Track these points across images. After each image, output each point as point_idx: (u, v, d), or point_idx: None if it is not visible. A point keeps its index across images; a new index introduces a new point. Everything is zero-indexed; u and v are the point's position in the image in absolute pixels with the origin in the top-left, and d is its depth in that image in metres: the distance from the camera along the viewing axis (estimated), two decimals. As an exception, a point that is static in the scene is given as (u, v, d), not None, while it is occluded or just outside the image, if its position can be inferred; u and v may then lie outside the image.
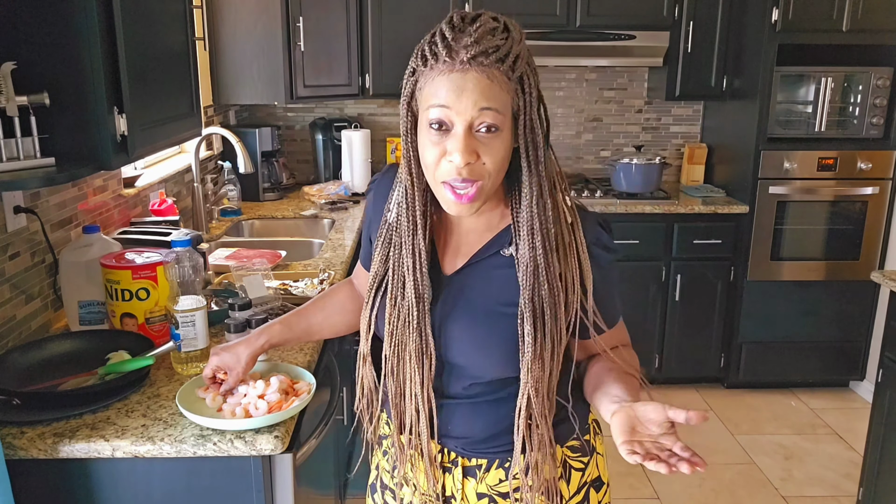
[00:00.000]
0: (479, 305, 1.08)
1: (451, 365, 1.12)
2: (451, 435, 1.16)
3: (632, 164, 3.51)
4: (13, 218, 1.67)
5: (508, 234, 1.08)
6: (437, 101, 0.96)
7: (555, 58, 3.55)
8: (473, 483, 1.17)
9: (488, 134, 0.96)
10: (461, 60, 0.94)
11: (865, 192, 3.42)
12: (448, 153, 0.97)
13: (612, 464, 1.32)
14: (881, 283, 2.39)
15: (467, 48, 0.94)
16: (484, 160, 0.98)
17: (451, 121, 0.96)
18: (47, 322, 1.82)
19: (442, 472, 1.18)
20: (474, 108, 0.95)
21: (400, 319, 1.08)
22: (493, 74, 0.95)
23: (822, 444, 3.23)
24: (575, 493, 1.19)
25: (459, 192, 0.99)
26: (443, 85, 0.95)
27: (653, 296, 3.54)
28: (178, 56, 1.82)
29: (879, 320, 3.49)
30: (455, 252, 1.12)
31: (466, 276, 1.10)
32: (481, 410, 1.13)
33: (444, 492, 1.20)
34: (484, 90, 0.94)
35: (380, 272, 1.12)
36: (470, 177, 0.97)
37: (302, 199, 3.42)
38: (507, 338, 1.06)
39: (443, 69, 0.95)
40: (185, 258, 1.52)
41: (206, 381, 1.36)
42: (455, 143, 0.96)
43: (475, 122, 0.96)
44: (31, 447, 1.27)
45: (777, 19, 3.23)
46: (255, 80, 3.20)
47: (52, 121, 1.42)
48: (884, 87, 3.32)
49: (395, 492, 1.27)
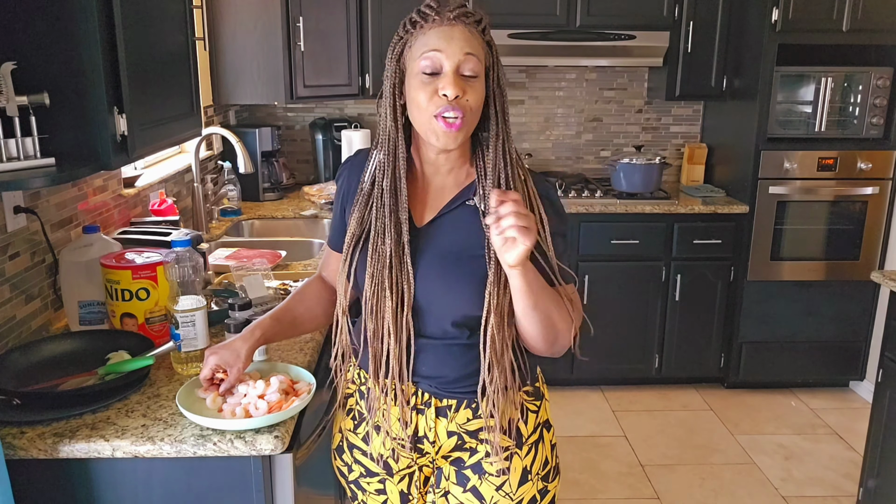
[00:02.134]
0: (448, 250, 1.23)
1: (425, 306, 1.24)
2: (424, 375, 1.27)
3: (632, 164, 3.51)
4: (13, 218, 1.67)
5: (473, 188, 1.26)
6: (430, 47, 1.16)
7: (555, 58, 3.55)
8: (444, 422, 1.29)
9: (470, 78, 1.17)
10: (448, 18, 1.17)
11: (865, 192, 3.42)
12: (440, 89, 1.15)
13: (612, 464, 1.35)
14: (881, 283, 2.39)
15: (452, 11, 1.17)
16: (467, 97, 1.16)
17: (440, 64, 1.16)
18: (47, 322, 1.82)
19: (416, 414, 1.29)
20: (461, 52, 1.16)
21: (380, 263, 1.21)
22: (473, 31, 1.18)
23: (822, 444, 3.23)
24: (532, 433, 1.34)
25: (450, 122, 1.16)
26: (434, 35, 1.17)
27: (653, 296, 3.54)
28: (178, 56, 1.82)
29: (879, 320, 3.49)
30: (426, 207, 1.28)
31: (437, 226, 1.25)
32: (453, 352, 1.26)
33: (417, 433, 1.30)
34: (468, 39, 1.17)
35: (356, 232, 1.26)
36: (459, 107, 1.15)
37: (302, 199, 3.43)
38: (473, 278, 1.21)
39: (432, 25, 1.17)
40: (185, 258, 1.52)
41: (204, 383, 1.34)
42: (446, 79, 1.15)
43: (461, 64, 1.16)
44: (31, 447, 1.27)
45: (777, 19, 3.23)
46: (255, 80, 3.20)
47: (52, 121, 1.42)
48: (884, 87, 3.32)
49: (363, 447, 1.38)
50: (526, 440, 1.32)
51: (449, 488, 1.35)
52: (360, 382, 1.38)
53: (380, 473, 1.39)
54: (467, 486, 1.33)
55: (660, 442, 3.22)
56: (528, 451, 1.33)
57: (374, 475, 1.40)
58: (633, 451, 3.15)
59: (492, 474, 1.31)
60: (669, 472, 3.00)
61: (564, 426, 3.35)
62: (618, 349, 3.59)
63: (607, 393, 3.67)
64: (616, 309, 3.54)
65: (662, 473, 2.99)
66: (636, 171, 3.52)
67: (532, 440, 1.33)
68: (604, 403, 3.57)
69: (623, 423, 3.38)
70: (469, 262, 1.21)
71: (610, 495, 2.84)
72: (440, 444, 1.31)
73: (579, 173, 3.99)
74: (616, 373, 3.66)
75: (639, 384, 3.72)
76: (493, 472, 1.31)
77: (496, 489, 1.32)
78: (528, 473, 1.33)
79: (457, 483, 1.34)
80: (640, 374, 3.66)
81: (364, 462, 1.40)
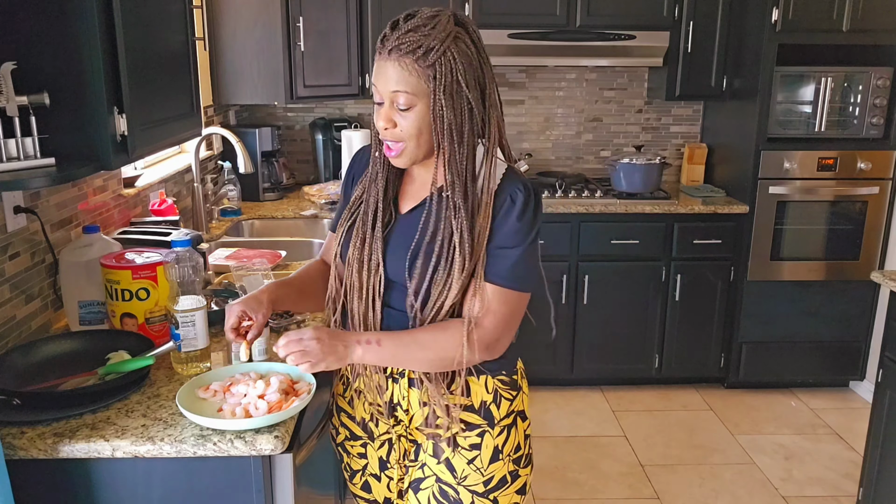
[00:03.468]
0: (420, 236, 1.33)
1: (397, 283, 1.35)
2: None
3: (632, 164, 3.51)
4: (13, 218, 1.67)
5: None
6: (373, 78, 1.28)
7: (555, 58, 3.55)
8: (417, 392, 1.38)
9: (402, 111, 1.25)
10: (386, 50, 1.23)
11: (865, 192, 3.42)
12: (376, 119, 1.29)
13: (612, 464, 1.35)
14: (881, 283, 2.39)
15: (392, 41, 1.22)
16: (400, 127, 1.26)
17: (379, 95, 1.27)
18: (47, 322, 1.82)
19: (391, 382, 1.39)
20: (388, 90, 1.24)
21: (363, 242, 1.36)
22: (404, 63, 1.22)
23: (822, 444, 3.23)
24: (504, 417, 1.40)
25: (390, 148, 1.30)
26: (376, 67, 1.26)
27: (653, 296, 3.54)
28: (178, 56, 1.82)
29: (879, 320, 3.49)
30: (410, 198, 1.40)
31: (415, 214, 1.36)
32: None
33: (392, 401, 1.40)
34: (395, 76, 1.23)
35: (352, 208, 1.41)
36: (391, 138, 1.28)
37: (302, 199, 3.43)
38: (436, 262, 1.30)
39: (378, 57, 1.25)
40: (185, 258, 1.52)
41: (231, 334, 1.33)
42: (377, 113, 1.28)
43: (392, 98, 1.25)
44: (31, 447, 1.27)
45: (777, 19, 3.23)
46: (255, 80, 3.20)
47: (52, 121, 1.42)
48: (884, 87, 3.32)
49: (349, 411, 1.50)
50: (498, 422, 1.39)
51: (426, 460, 1.43)
52: None
53: (362, 437, 1.49)
54: (441, 457, 1.41)
55: (660, 442, 3.22)
56: (501, 431, 1.40)
57: (358, 438, 1.50)
58: (633, 451, 3.15)
59: (465, 448, 1.39)
60: (669, 472, 3.00)
61: (564, 426, 3.35)
62: (618, 349, 3.59)
63: (607, 393, 3.67)
64: (616, 309, 3.54)
65: (662, 473, 2.99)
66: (636, 171, 3.52)
67: (505, 423, 1.40)
68: (604, 403, 3.57)
69: (623, 423, 3.38)
70: (436, 248, 1.30)
71: (610, 495, 2.84)
72: (413, 412, 1.40)
73: (579, 173, 3.99)
74: (616, 373, 3.66)
75: (639, 384, 3.72)
76: (466, 447, 1.38)
77: (468, 462, 1.39)
78: (500, 453, 1.40)
79: (432, 455, 1.42)
80: (640, 374, 3.66)
81: (349, 425, 1.51)
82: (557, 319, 3.44)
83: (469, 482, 1.39)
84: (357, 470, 1.53)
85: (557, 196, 3.48)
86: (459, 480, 1.40)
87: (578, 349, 3.58)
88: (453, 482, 1.40)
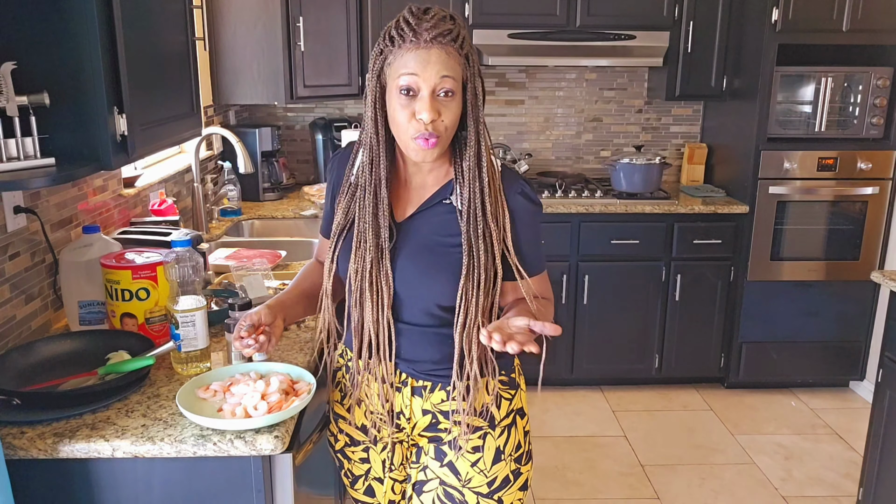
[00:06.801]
0: (424, 244, 1.32)
1: (403, 295, 1.33)
2: (402, 357, 1.37)
3: (632, 164, 3.51)
4: (13, 218, 1.67)
5: (450, 187, 1.34)
6: (407, 71, 1.21)
7: (555, 58, 3.55)
8: (420, 401, 1.39)
9: (446, 98, 1.23)
10: (425, 40, 1.20)
11: (865, 192, 3.42)
12: (417, 112, 1.22)
13: (612, 464, 1.35)
14: (881, 283, 2.39)
15: (428, 31, 1.20)
16: (443, 118, 1.23)
17: (418, 87, 1.21)
18: (47, 322, 1.82)
19: (394, 391, 1.39)
20: (437, 76, 1.21)
21: (365, 259, 1.31)
22: (449, 51, 1.21)
23: (822, 444, 3.23)
24: (504, 417, 1.42)
25: (427, 140, 1.23)
26: (411, 58, 1.21)
27: (653, 296, 3.54)
28: (178, 56, 1.82)
29: (879, 320, 3.49)
30: (406, 203, 1.36)
31: (415, 221, 1.34)
32: (429, 338, 1.35)
33: (394, 408, 1.40)
34: (444, 61, 1.21)
35: (342, 222, 1.36)
36: (434, 131, 1.23)
37: (302, 199, 3.42)
38: (447, 269, 1.30)
39: (409, 47, 1.21)
40: (185, 258, 1.52)
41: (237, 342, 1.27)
42: (422, 104, 1.21)
43: (437, 87, 1.21)
44: (31, 447, 1.27)
45: (777, 19, 3.23)
46: (255, 80, 3.20)
47: (52, 121, 1.42)
48: (884, 87, 3.32)
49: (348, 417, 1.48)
50: (499, 423, 1.41)
51: (427, 463, 1.43)
52: (347, 358, 1.47)
53: (363, 442, 1.48)
54: (444, 460, 1.41)
55: (660, 442, 3.22)
56: (502, 432, 1.41)
57: (359, 444, 1.49)
58: (633, 451, 3.15)
59: (468, 451, 1.40)
60: (669, 472, 3.00)
61: (564, 426, 3.35)
62: (618, 349, 3.59)
63: (607, 393, 3.67)
64: (616, 309, 3.54)
65: (662, 473, 2.99)
66: (636, 171, 3.52)
67: (505, 423, 1.42)
68: (604, 403, 3.57)
69: (623, 423, 3.38)
70: (444, 255, 1.30)
71: (610, 495, 2.84)
72: (415, 420, 1.40)
73: (579, 173, 3.99)
74: (616, 373, 3.66)
75: (639, 384, 3.72)
76: (469, 449, 1.40)
77: (471, 465, 1.40)
78: (501, 453, 1.41)
79: (435, 458, 1.42)
80: (640, 374, 3.66)
81: (348, 431, 1.50)
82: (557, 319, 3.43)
83: (473, 484, 1.41)
84: (359, 475, 1.53)
85: (557, 196, 3.48)
86: (464, 483, 1.41)
87: (578, 349, 3.58)
88: (458, 485, 1.41)
